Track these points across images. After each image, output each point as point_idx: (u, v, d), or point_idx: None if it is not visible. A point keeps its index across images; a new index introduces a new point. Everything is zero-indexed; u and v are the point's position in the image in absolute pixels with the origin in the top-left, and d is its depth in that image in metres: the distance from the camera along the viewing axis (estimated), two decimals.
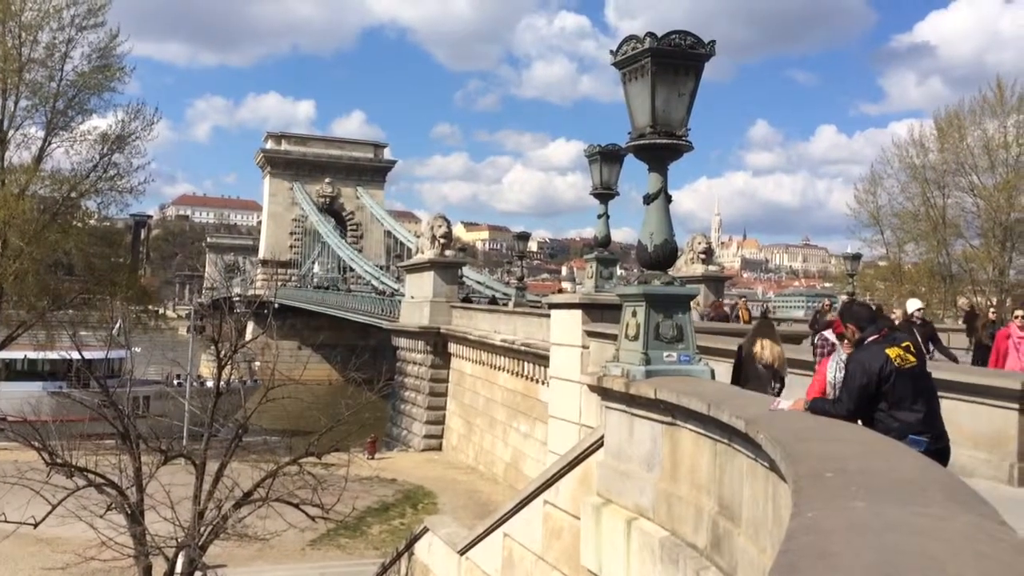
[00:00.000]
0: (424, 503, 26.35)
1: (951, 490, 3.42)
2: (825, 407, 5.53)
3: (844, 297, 33.12)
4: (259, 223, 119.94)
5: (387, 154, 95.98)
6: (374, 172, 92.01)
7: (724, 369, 10.87)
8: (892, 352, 5.29)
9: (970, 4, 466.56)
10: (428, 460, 33.73)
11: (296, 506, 14.62)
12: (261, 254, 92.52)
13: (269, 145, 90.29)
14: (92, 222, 42.46)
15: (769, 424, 5.24)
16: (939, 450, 5.36)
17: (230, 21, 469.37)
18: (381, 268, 69.37)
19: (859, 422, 5.41)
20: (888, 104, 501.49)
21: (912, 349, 5.51)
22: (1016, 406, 8.61)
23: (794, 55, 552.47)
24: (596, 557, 8.35)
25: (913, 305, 15.96)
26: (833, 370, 6.15)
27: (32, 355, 41.91)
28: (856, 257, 38.63)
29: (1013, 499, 8.05)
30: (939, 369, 8.62)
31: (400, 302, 43.04)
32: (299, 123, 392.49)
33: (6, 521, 13.91)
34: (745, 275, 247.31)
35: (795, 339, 14.02)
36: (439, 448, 35.69)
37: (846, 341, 5.91)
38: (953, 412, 8.73)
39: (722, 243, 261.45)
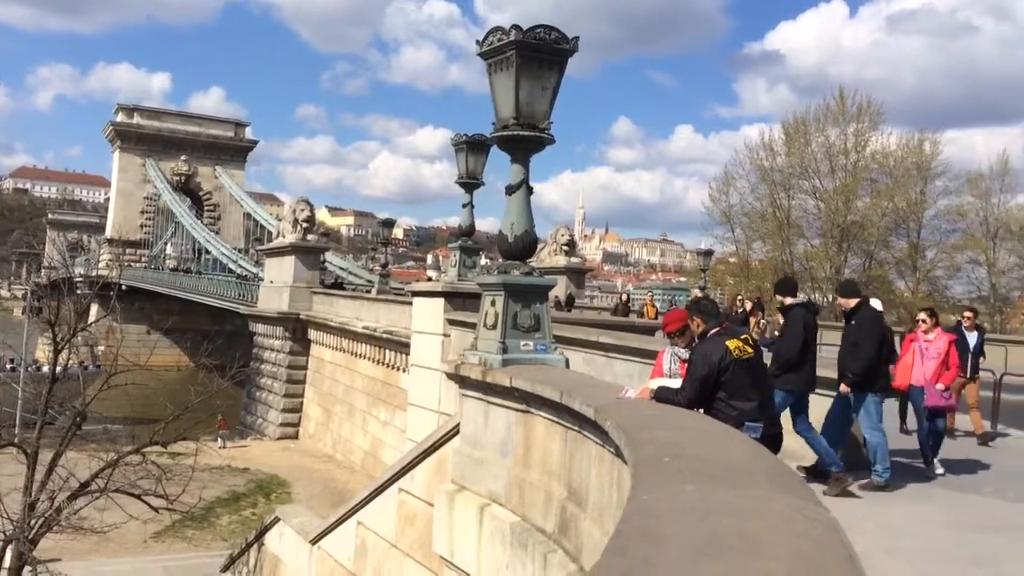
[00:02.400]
0: (278, 492, 25.71)
1: (775, 474, 3.64)
2: (669, 396, 5.76)
3: (696, 291, 34.60)
4: (107, 200, 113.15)
5: (249, 133, 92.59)
6: (234, 151, 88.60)
7: (580, 358, 11.15)
8: (731, 344, 5.58)
9: (816, 17, 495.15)
10: (284, 448, 32.93)
11: (138, 497, 13.95)
12: (108, 232, 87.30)
13: (120, 118, 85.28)
14: None
15: (616, 411, 5.41)
16: (772, 436, 5.71)
17: None
18: (240, 251, 67.00)
19: (701, 410, 5.67)
20: (741, 108, 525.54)
21: (750, 342, 5.82)
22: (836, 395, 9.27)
23: (655, 56, 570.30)
24: (448, 543, 8.41)
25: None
26: (668, 361, 6.42)
27: None
28: (708, 253, 40.44)
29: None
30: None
31: (259, 287, 41.76)
32: (153, 96, 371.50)
33: None
34: (606, 268, 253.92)
35: (650, 330, 14.53)
36: (296, 436, 34.93)
37: (677, 336, 6.19)
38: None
39: (585, 236, 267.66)
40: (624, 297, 29.04)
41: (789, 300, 8.48)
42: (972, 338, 12.42)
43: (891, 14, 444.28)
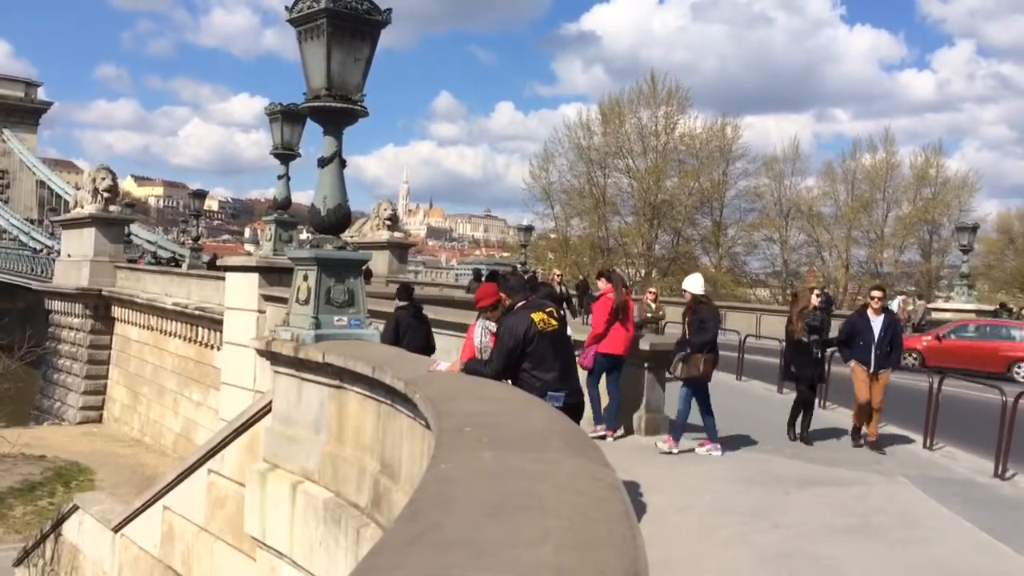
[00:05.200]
0: (79, 480, 24.07)
1: (570, 439, 3.84)
2: (478, 368, 5.90)
3: (508, 266, 35.30)
4: None
5: (42, 94, 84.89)
6: (25, 113, 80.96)
7: None
8: (536, 316, 5.78)
9: (628, 2, 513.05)
10: (86, 434, 30.81)
11: None
12: None
13: None
14: None
15: (426, 385, 5.50)
16: (574, 404, 5.98)
17: None
18: (32, 223, 61.73)
19: (509, 381, 5.85)
20: (559, 87, 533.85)
21: (555, 314, 6.06)
22: (646, 364, 9.84)
23: (475, 32, 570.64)
24: (260, 523, 8.24)
25: (692, 284, 9.38)
26: (479, 335, 6.57)
27: None
28: (528, 229, 41.39)
29: (637, 446, 9.22)
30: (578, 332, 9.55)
31: (55, 261, 38.68)
32: None
33: None
34: (431, 243, 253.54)
35: (471, 305, 14.71)
36: (99, 420, 32.78)
37: (489, 311, 6.32)
38: None
39: (409, 211, 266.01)
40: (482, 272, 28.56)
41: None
42: (877, 324, 9.83)
43: (695, 2, 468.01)
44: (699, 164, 48.78)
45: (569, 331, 6.66)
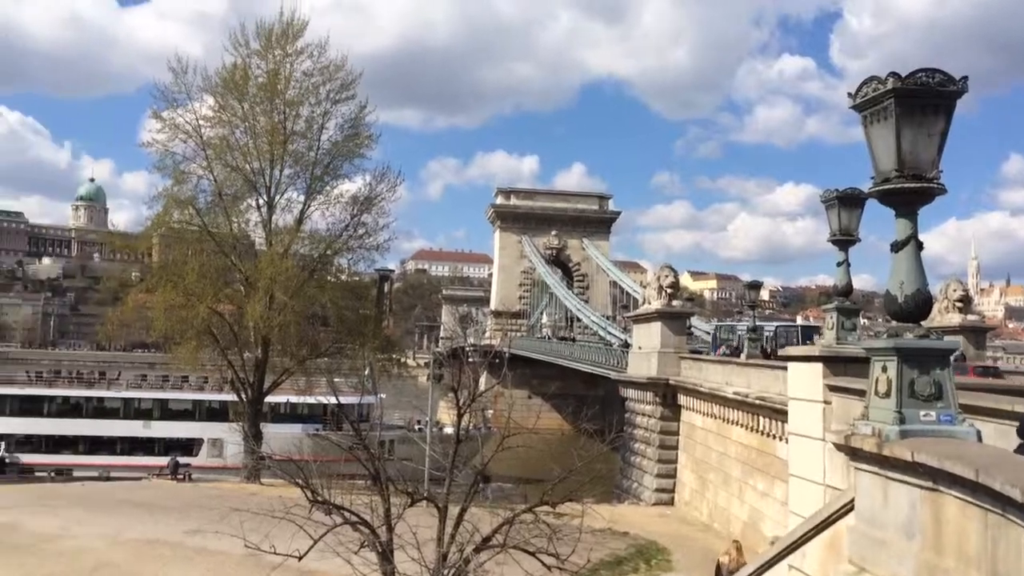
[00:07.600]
0: (657, 559, 25.78)
1: None
2: None
3: None
4: (490, 275, 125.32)
5: (611, 205, 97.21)
6: (599, 223, 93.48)
7: (991, 430, 9.91)
8: None
9: None
10: (660, 515, 33.08)
11: (532, 554, 14.74)
12: (492, 305, 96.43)
13: (499, 200, 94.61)
14: (343, 277, 46.28)
15: None
16: None
17: (459, 86, 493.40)
18: (607, 318, 69.91)
19: None
20: None
21: None
22: None
23: None
24: None
25: None
26: None
27: (294, 399, 46.12)
28: None
29: None
30: None
31: (627, 352, 43.05)
32: (523, 178, 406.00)
33: (275, 553, 15.11)
34: (1011, 325, 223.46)
35: None
36: (671, 503, 34.93)
37: None
38: None
39: (981, 290, 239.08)
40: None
41: None
42: None
43: None
44: None
45: None
